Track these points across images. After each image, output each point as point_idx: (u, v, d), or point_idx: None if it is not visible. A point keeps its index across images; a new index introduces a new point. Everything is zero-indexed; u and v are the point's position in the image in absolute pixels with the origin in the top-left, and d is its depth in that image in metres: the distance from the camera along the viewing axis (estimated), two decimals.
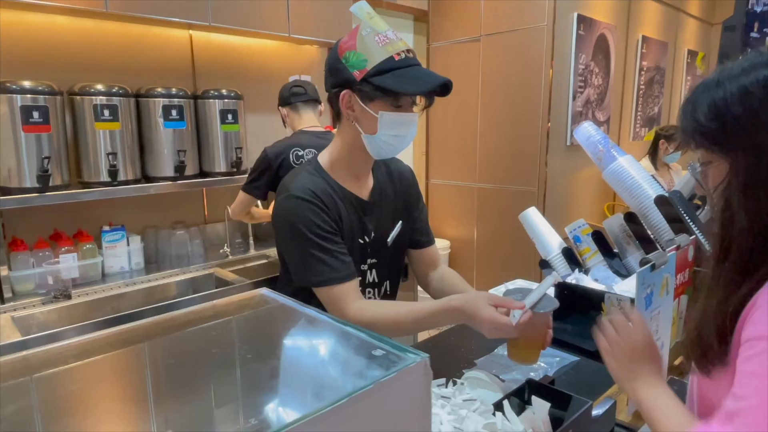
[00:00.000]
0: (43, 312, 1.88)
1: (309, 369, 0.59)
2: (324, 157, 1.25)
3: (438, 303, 1.10)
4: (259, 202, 2.34)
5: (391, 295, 1.41)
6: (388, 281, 1.38)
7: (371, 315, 1.12)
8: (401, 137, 1.15)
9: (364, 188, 1.27)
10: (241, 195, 2.25)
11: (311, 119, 2.29)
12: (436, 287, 1.44)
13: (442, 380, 1.05)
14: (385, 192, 1.31)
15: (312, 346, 0.60)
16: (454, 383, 1.03)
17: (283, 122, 2.39)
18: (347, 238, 1.22)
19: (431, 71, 1.14)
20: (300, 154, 2.11)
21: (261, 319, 0.67)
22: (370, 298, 1.34)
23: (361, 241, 1.27)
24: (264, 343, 0.65)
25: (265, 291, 0.67)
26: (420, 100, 1.16)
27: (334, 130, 1.27)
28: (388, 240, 1.32)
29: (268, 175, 2.15)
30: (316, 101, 2.32)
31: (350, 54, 1.09)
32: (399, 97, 1.10)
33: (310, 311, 0.60)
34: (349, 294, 1.14)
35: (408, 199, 1.37)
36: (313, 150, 2.14)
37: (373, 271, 1.33)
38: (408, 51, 1.11)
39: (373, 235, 1.28)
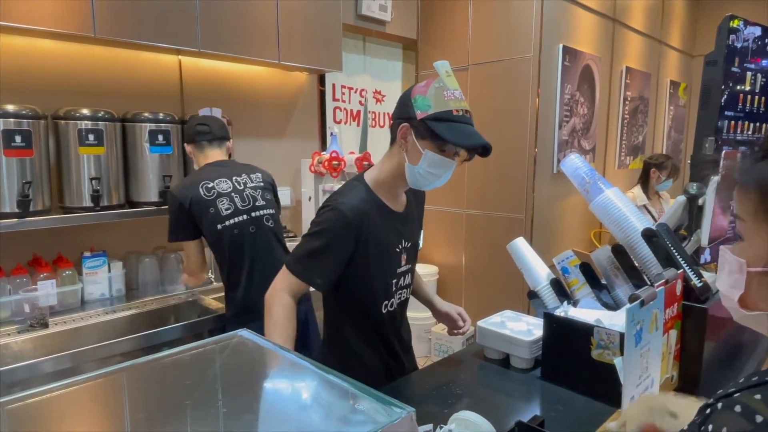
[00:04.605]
0: (18, 342, 1.81)
1: (293, 422, 0.56)
2: (370, 176, 1.42)
3: None
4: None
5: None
6: (412, 283, 1.57)
7: (279, 310, 1.30)
8: (435, 176, 1.33)
9: (399, 203, 1.47)
10: (184, 246, 2.02)
11: (216, 155, 2.09)
12: None
13: (429, 426, 1.02)
14: (413, 207, 1.53)
15: (296, 396, 0.57)
16: (441, 428, 1.00)
17: (192, 158, 2.17)
18: (382, 245, 1.40)
19: (478, 133, 1.30)
20: (210, 186, 1.95)
21: (241, 365, 0.64)
22: (404, 298, 1.53)
23: (398, 248, 1.45)
24: (246, 392, 0.62)
25: (244, 333, 0.64)
26: (462, 153, 1.34)
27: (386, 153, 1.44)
28: (419, 244, 1.56)
29: (184, 216, 1.92)
30: (223, 138, 2.13)
31: (419, 97, 1.28)
32: (444, 144, 1.28)
33: (292, 356, 0.58)
34: (291, 286, 1.34)
35: (422, 213, 1.64)
36: (224, 179, 2.00)
37: (408, 275, 1.51)
38: (466, 111, 1.30)
39: (408, 243, 1.48)
